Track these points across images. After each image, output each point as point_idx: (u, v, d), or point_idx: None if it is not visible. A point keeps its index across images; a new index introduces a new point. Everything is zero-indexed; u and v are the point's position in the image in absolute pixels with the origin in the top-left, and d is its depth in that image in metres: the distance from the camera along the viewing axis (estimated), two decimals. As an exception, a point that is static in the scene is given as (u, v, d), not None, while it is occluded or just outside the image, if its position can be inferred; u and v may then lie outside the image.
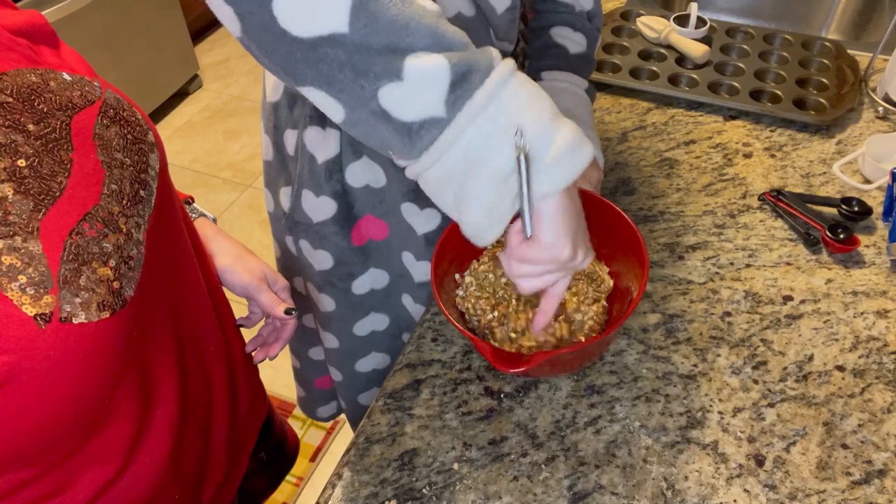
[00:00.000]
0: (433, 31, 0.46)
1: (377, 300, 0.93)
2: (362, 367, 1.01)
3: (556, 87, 0.80)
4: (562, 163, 0.49)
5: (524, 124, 0.47)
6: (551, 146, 0.48)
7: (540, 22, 0.84)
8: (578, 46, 0.83)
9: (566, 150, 0.49)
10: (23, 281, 0.42)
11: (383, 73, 0.46)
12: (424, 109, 0.47)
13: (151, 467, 0.59)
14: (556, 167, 0.49)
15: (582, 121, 0.79)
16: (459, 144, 0.48)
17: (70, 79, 0.51)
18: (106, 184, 0.49)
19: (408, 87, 0.46)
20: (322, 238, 0.86)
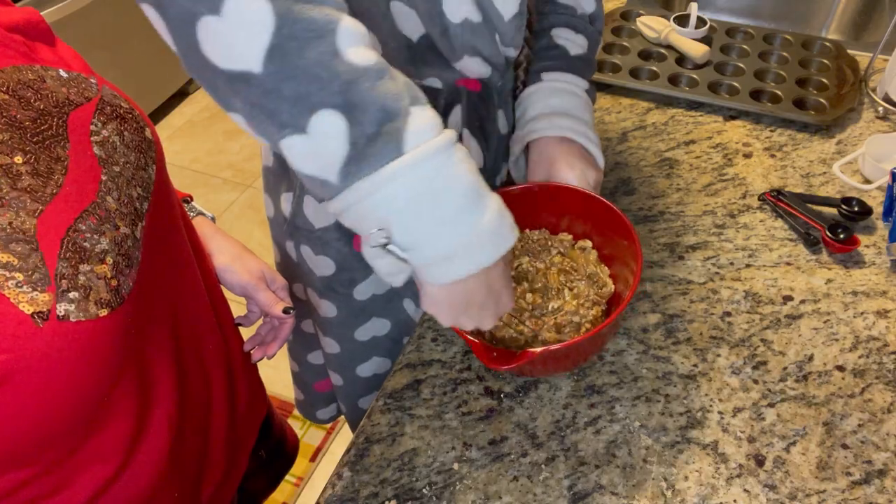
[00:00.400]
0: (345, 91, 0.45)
1: (379, 305, 0.93)
2: (363, 371, 1.01)
3: (556, 88, 0.81)
4: (437, 264, 0.51)
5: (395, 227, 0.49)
6: (428, 252, 0.50)
7: (542, 24, 0.84)
8: (579, 48, 0.84)
9: (443, 257, 0.50)
10: (20, 279, 0.42)
11: (289, 123, 0.46)
12: (320, 170, 0.48)
13: (150, 466, 0.59)
14: (430, 268, 0.51)
15: (582, 120, 0.79)
16: (348, 212, 0.50)
17: (66, 76, 0.51)
18: (103, 181, 0.49)
19: (308, 143, 0.46)
20: (324, 244, 0.85)
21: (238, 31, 0.43)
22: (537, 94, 0.81)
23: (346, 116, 0.46)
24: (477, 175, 0.51)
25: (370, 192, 0.47)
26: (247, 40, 0.44)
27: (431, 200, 0.48)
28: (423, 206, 0.48)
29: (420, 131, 0.47)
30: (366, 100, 0.46)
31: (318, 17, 0.44)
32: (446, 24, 0.66)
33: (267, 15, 0.43)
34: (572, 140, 0.78)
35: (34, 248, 0.43)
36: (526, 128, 0.80)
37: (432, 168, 0.48)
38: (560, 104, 0.80)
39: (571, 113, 0.79)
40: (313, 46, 0.44)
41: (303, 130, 0.46)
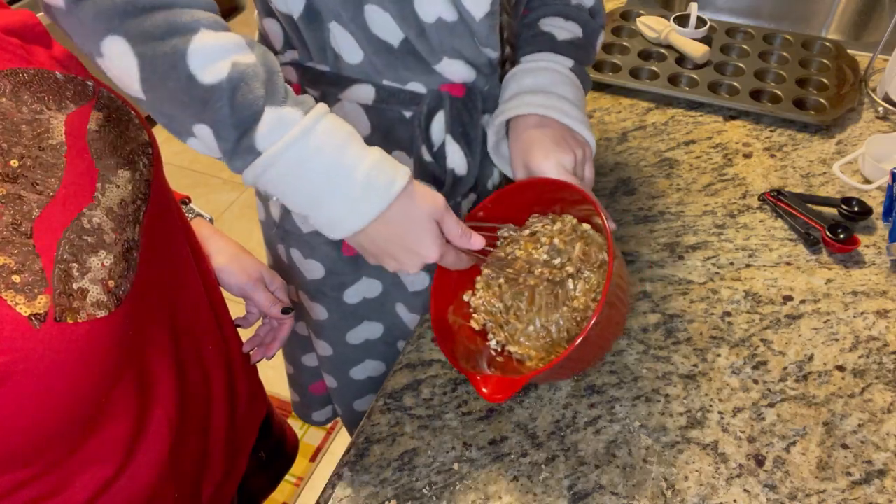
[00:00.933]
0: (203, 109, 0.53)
1: (370, 309, 0.93)
2: (357, 374, 1.01)
3: (531, 68, 0.77)
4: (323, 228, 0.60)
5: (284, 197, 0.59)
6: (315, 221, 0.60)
7: (531, 16, 0.82)
8: (568, 34, 0.80)
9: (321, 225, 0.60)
10: (17, 281, 0.42)
11: (183, 131, 0.56)
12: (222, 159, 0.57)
13: (150, 467, 0.59)
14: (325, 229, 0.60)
15: (559, 96, 0.75)
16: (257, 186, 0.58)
17: (63, 78, 0.51)
18: (100, 183, 0.49)
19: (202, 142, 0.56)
20: (312, 248, 0.85)
21: (118, 70, 0.53)
22: (513, 77, 0.77)
23: (212, 130, 0.54)
24: (341, 146, 0.57)
25: (253, 181, 0.57)
26: (126, 74, 0.53)
27: (298, 182, 0.57)
28: (293, 188, 0.57)
29: (270, 133, 0.55)
30: (221, 117, 0.53)
31: (168, 51, 0.52)
32: (421, 25, 0.66)
33: (131, 56, 0.52)
34: (549, 117, 0.73)
35: (31, 251, 0.43)
36: (498, 109, 0.76)
37: (288, 159, 0.55)
38: (534, 82, 0.75)
39: (546, 89, 0.75)
40: (170, 77, 0.52)
41: (192, 135, 0.55)
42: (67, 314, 0.43)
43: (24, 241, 0.43)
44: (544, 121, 0.74)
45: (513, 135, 0.76)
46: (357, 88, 0.73)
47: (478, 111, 0.78)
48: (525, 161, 0.73)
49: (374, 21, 0.66)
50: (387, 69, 0.71)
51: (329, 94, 0.74)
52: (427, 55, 0.69)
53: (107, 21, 0.51)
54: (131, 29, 0.51)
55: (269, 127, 0.55)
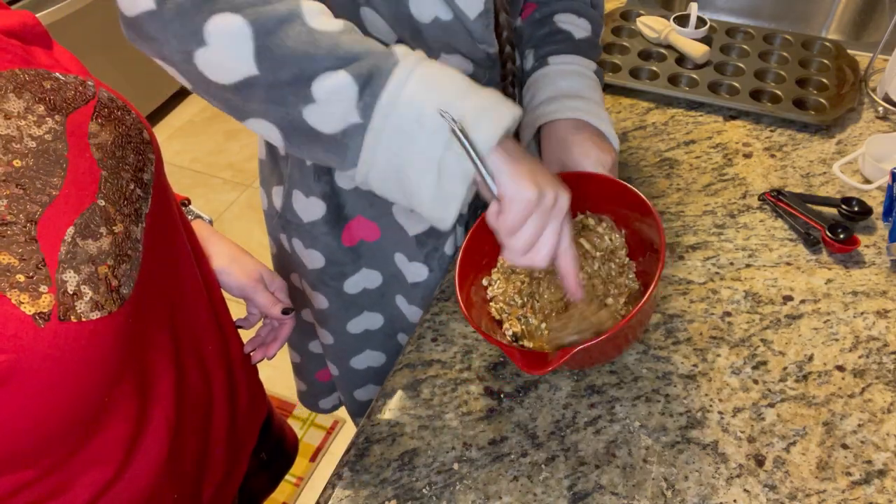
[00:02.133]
0: (332, 51, 0.52)
1: (370, 300, 0.94)
2: (357, 364, 1.02)
3: (564, 71, 0.80)
4: (481, 124, 0.53)
5: (429, 107, 0.53)
6: (465, 114, 0.53)
7: (543, 12, 0.84)
8: (584, 31, 0.83)
9: (482, 113, 0.53)
10: (21, 280, 0.42)
11: (298, 100, 0.52)
12: (343, 119, 0.53)
13: (150, 467, 0.59)
14: (477, 131, 0.53)
15: (593, 101, 0.78)
16: (382, 143, 0.54)
17: (63, 79, 0.51)
18: (102, 183, 0.49)
19: (322, 106, 0.52)
20: (313, 238, 0.86)
21: (227, 49, 0.51)
22: (546, 78, 0.80)
23: (340, 66, 0.52)
24: None
25: (394, 97, 0.52)
26: (237, 52, 0.51)
27: (444, 79, 0.54)
28: (440, 84, 0.53)
29: (403, 50, 0.54)
30: (346, 47, 0.52)
31: (282, 9, 0.51)
32: (417, 26, 0.66)
33: (243, 26, 0.51)
34: (584, 122, 0.76)
35: (35, 250, 0.43)
36: (535, 112, 0.79)
37: (431, 63, 0.54)
38: (570, 86, 0.78)
39: (582, 94, 0.78)
40: (288, 33, 0.51)
41: (312, 100, 0.52)
42: (71, 313, 0.43)
43: (29, 241, 0.43)
44: (579, 124, 0.76)
45: (548, 136, 0.78)
46: None
47: None
48: (562, 160, 0.75)
49: (371, 23, 0.67)
50: None
51: None
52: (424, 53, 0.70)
53: (207, 3, 0.50)
54: (238, 2, 0.50)
55: (397, 49, 0.54)
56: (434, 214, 0.57)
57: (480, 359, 0.78)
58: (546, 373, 0.61)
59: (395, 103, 0.52)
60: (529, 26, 0.85)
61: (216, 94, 0.55)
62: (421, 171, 0.54)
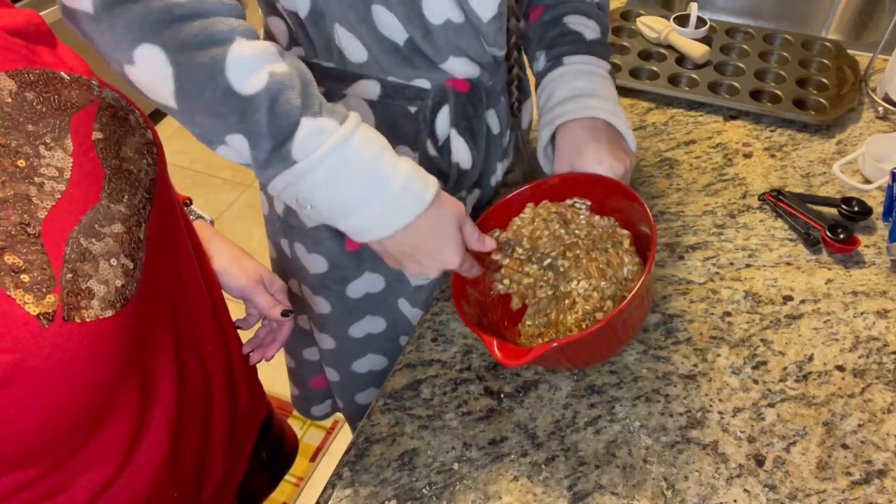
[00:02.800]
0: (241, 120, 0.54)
1: (373, 303, 0.93)
2: (359, 367, 1.01)
3: (580, 71, 0.80)
4: (351, 233, 0.61)
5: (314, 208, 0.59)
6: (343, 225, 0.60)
7: (552, 14, 0.85)
8: (594, 32, 0.84)
9: (352, 230, 0.60)
10: (26, 280, 0.42)
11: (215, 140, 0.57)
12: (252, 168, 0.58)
13: (150, 467, 0.59)
14: (353, 234, 0.61)
15: (610, 99, 0.79)
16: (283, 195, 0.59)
17: (68, 78, 0.51)
18: (106, 183, 0.49)
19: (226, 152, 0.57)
20: (316, 242, 0.86)
21: (150, 79, 0.53)
22: (562, 79, 0.81)
23: (247, 140, 0.55)
24: (377, 155, 0.58)
25: (283, 188, 0.58)
26: (159, 84, 0.53)
27: (332, 191, 0.57)
28: (326, 196, 0.57)
29: (306, 143, 0.55)
30: (258, 128, 0.54)
31: (206, 61, 0.52)
32: (428, 27, 0.67)
33: (165, 64, 0.52)
34: (602, 121, 0.77)
35: (39, 250, 0.43)
36: (553, 112, 0.79)
37: (325, 168, 0.56)
38: (586, 86, 0.79)
39: (599, 93, 0.79)
40: (207, 87, 0.52)
41: (224, 143, 0.56)
42: (75, 313, 0.43)
43: (33, 241, 0.43)
44: (596, 124, 0.77)
45: (564, 136, 0.78)
46: (362, 84, 0.73)
47: (482, 105, 0.78)
48: (574, 164, 0.76)
49: (381, 21, 0.67)
50: (392, 67, 0.71)
51: (334, 90, 0.74)
52: (432, 55, 0.70)
53: (141, 29, 0.51)
54: (168, 38, 0.51)
55: (305, 137, 0.55)
56: None
57: (480, 359, 0.78)
58: (521, 364, 0.62)
59: (286, 191, 0.58)
60: (539, 28, 0.86)
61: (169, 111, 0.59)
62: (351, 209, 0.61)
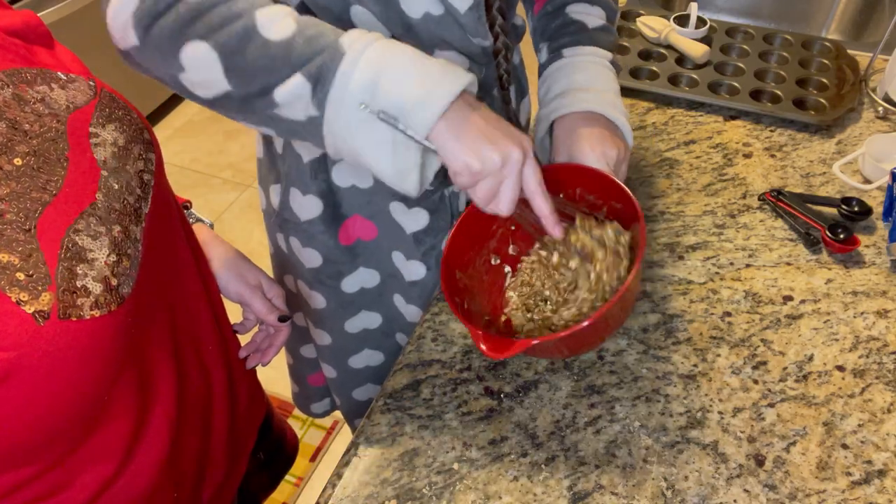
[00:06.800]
0: (286, 60, 0.56)
1: (368, 299, 0.93)
2: (355, 363, 1.01)
3: (578, 62, 0.80)
4: (416, 112, 0.56)
5: (375, 96, 0.56)
6: (404, 102, 0.56)
7: (555, 4, 0.85)
8: (597, 20, 0.84)
9: (418, 101, 0.56)
10: (21, 279, 0.42)
11: (267, 106, 0.58)
12: (304, 112, 0.58)
13: (150, 466, 0.59)
14: (413, 115, 0.56)
15: (608, 91, 0.79)
16: (338, 133, 0.58)
17: (65, 78, 0.51)
18: (102, 182, 0.49)
19: (285, 108, 0.58)
20: (310, 236, 0.86)
21: (201, 72, 0.57)
22: (560, 71, 0.81)
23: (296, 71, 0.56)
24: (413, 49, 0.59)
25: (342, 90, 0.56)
26: (209, 73, 0.57)
27: (387, 66, 0.56)
28: (383, 72, 0.56)
29: (351, 39, 0.57)
30: (303, 53, 0.56)
31: (238, 28, 0.56)
32: (408, 21, 0.66)
33: (208, 50, 0.56)
34: (598, 114, 0.77)
35: (35, 248, 0.43)
36: (549, 106, 0.79)
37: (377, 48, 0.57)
38: (584, 79, 0.79)
39: (596, 86, 0.79)
40: (248, 49, 0.56)
41: (276, 105, 0.57)
42: (71, 312, 0.43)
43: (29, 239, 0.43)
44: (593, 116, 0.77)
45: (560, 128, 0.78)
46: None
47: None
48: (571, 153, 0.76)
49: (361, 20, 0.67)
50: None
51: None
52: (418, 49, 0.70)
53: (179, 33, 0.56)
54: (202, 29, 0.55)
55: (347, 38, 0.57)
56: (398, 185, 0.61)
57: (480, 359, 0.78)
58: (508, 356, 0.62)
59: (343, 98, 0.56)
60: (542, 19, 0.86)
61: (205, 105, 0.61)
62: (376, 151, 0.58)
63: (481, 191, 0.61)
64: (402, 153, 0.58)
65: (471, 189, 0.61)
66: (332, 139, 0.59)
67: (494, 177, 0.60)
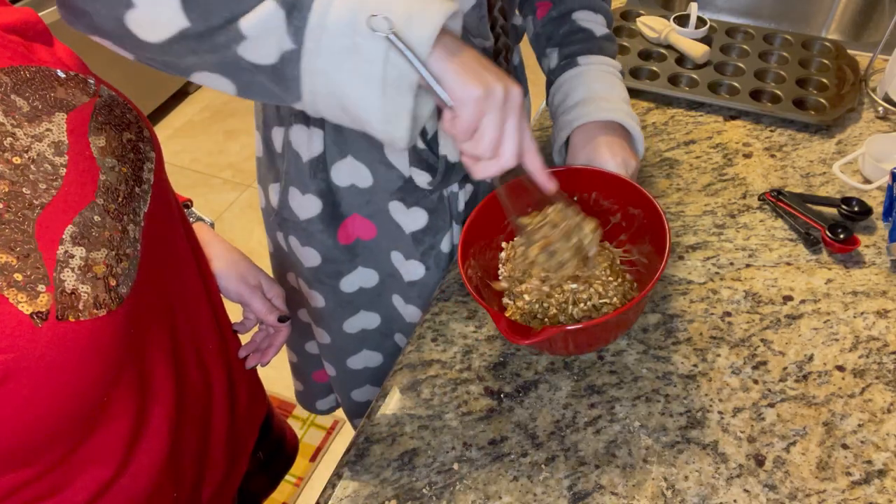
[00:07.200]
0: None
1: (367, 299, 0.94)
2: (354, 363, 1.02)
3: (595, 71, 0.82)
4: (413, 25, 0.50)
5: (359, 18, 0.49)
6: (395, 17, 0.50)
7: (559, 9, 0.86)
8: (602, 28, 0.85)
9: (411, 13, 0.50)
10: (19, 279, 0.42)
11: (230, 41, 0.50)
12: (278, 47, 0.51)
13: (150, 467, 0.59)
14: (409, 32, 0.50)
15: (623, 100, 0.81)
16: (319, 66, 0.51)
17: (64, 76, 0.51)
18: (101, 181, 0.49)
19: (255, 41, 0.50)
20: (309, 235, 0.86)
21: (153, 6, 0.49)
22: (577, 79, 0.82)
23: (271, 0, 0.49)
24: None
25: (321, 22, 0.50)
26: (163, 8, 0.49)
27: None
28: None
29: None
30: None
31: None
32: None
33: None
34: (616, 123, 0.79)
35: (33, 249, 0.43)
36: (572, 113, 0.81)
37: None
38: (602, 89, 0.81)
39: (613, 96, 0.81)
40: None
41: (243, 38, 0.50)
42: (69, 312, 0.43)
43: (27, 239, 0.43)
44: (611, 124, 0.79)
45: (579, 135, 0.80)
46: None
47: None
48: (590, 158, 0.78)
49: None
50: None
51: None
52: None
53: None
54: None
55: None
56: (386, 134, 0.55)
57: (480, 359, 0.78)
58: (528, 343, 0.62)
59: (324, 23, 0.50)
60: (549, 24, 0.86)
61: (152, 54, 0.53)
62: (362, 89, 0.52)
63: (486, 132, 0.55)
64: (393, 96, 0.52)
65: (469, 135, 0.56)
66: (309, 79, 0.52)
67: (498, 112, 0.55)
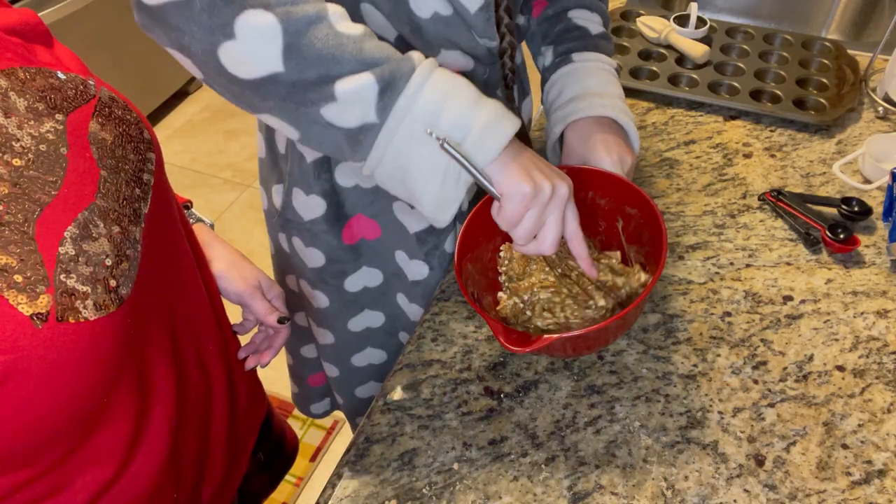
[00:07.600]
0: (357, 55, 0.54)
1: (371, 298, 0.94)
2: (358, 361, 1.02)
3: (589, 68, 0.82)
4: (486, 137, 0.57)
5: (443, 116, 0.56)
6: (472, 127, 0.57)
7: (555, 8, 0.86)
8: (598, 26, 0.86)
9: (488, 127, 0.57)
10: (19, 280, 0.42)
11: (319, 98, 0.55)
12: (361, 117, 0.56)
13: (150, 467, 0.59)
14: (482, 142, 0.57)
15: (618, 97, 0.81)
16: (394, 144, 0.57)
17: (64, 77, 0.51)
18: (101, 183, 0.49)
19: (343, 105, 0.55)
20: (313, 236, 0.86)
21: (255, 45, 0.52)
22: (571, 76, 0.82)
23: (364, 69, 0.54)
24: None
25: (411, 101, 0.55)
26: (264, 49, 0.53)
27: (456, 88, 0.57)
28: (452, 93, 0.57)
29: (419, 56, 0.57)
30: (370, 52, 0.55)
31: (311, 11, 0.53)
32: (417, 22, 0.66)
33: (275, 24, 0.52)
34: (610, 119, 0.79)
35: (33, 250, 0.43)
36: (565, 109, 0.80)
37: (444, 72, 0.57)
38: (597, 84, 0.81)
39: (608, 92, 0.81)
40: (316, 34, 0.53)
41: (333, 99, 0.55)
42: (69, 314, 0.43)
43: (27, 241, 0.43)
44: (606, 121, 0.79)
45: (574, 132, 0.80)
46: None
47: None
48: (585, 156, 0.78)
49: (370, 19, 0.67)
50: None
51: None
52: (424, 50, 0.70)
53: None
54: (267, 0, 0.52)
55: (417, 56, 0.57)
56: (432, 215, 0.61)
57: (480, 359, 0.78)
58: (526, 352, 0.63)
59: (411, 108, 0.55)
60: (544, 23, 0.86)
61: (233, 88, 0.56)
62: (426, 174, 0.58)
63: (526, 224, 0.61)
64: (451, 185, 0.59)
65: (512, 225, 0.62)
66: (379, 154, 0.57)
67: (540, 208, 0.61)
